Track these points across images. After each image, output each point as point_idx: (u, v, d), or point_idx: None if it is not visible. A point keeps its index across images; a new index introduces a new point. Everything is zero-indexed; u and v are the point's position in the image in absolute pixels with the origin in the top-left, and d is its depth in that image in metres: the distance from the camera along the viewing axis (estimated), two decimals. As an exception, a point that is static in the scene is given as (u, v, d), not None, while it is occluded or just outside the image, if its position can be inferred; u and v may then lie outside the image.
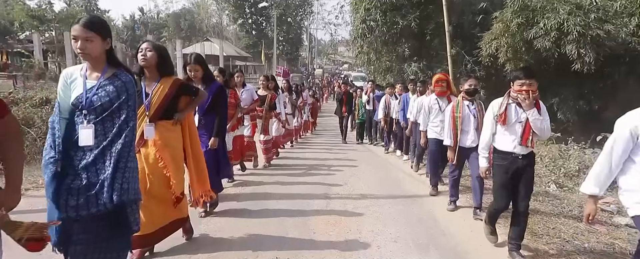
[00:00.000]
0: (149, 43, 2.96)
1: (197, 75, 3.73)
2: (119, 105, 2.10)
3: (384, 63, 13.45)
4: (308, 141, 10.43)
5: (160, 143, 2.91)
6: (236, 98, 5.17)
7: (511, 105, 3.11)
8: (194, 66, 3.72)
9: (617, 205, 4.69)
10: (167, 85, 2.96)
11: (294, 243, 3.37)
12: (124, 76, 2.16)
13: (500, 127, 3.16)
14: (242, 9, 40.30)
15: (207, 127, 3.79)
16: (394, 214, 4.27)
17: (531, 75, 3.01)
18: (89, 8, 43.75)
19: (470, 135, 4.15)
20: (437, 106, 5.06)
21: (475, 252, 3.35)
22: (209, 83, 3.76)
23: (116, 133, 2.08)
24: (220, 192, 4.25)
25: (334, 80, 31.90)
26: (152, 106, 2.91)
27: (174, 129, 3.04)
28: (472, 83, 4.16)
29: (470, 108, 4.16)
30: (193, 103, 3.19)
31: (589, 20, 7.60)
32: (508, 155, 3.10)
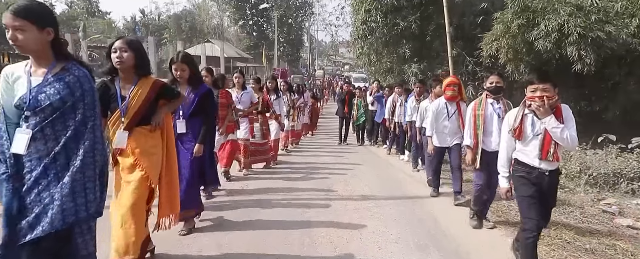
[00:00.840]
0: (124, 41, 2.62)
1: (184, 75, 3.43)
2: (73, 104, 1.81)
3: (385, 64, 13.46)
4: (308, 143, 10.42)
5: (139, 152, 2.66)
6: (228, 98, 4.88)
7: (528, 116, 2.73)
8: (180, 65, 3.41)
9: (619, 206, 4.69)
10: (146, 88, 2.67)
11: (295, 244, 3.36)
12: (76, 70, 1.89)
13: (517, 140, 2.82)
14: (242, 11, 40.39)
15: (192, 132, 3.46)
16: (395, 215, 4.26)
17: (545, 78, 2.64)
18: (90, 10, 43.89)
19: (495, 137, 3.71)
20: (445, 111, 4.74)
21: (476, 253, 3.35)
22: (196, 85, 3.48)
23: (71, 136, 1.80)
24: (208, 199, 4.17)
25: (334, 82, 31.75)
26: (129, 111, 2.63)
27: (153, 136, 2.76)
28: (495, 81, 3.78)
29: (495, 106, 3.79)
30: (169, 105, 2.90)
31: (590, 22, 7.59)
32: (533, 170, 2.75)
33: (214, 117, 3.77)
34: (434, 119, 4.79)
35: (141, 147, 2.68)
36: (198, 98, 3.43)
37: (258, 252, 3.19)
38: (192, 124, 3.47)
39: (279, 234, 3.56)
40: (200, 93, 3.47)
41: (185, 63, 3.43)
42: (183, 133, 3.41)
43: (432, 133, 4.85)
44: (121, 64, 2.57)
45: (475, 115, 3.84)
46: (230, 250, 3.21)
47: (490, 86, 3.79)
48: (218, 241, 3.37)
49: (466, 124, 3.97)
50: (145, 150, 2.69)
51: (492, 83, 3.78)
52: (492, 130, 3.77)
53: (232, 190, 5.06)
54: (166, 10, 49.85)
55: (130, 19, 49.11)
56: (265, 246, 3.30)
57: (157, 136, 2.80)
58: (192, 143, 3.43)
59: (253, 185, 5.36)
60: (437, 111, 4.78)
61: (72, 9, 40.44)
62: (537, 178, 2.74)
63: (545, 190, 2.76)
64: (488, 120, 3.78)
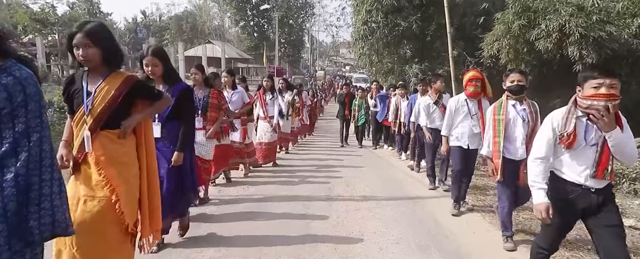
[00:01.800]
0: (85, 35, 2.16)
1: (157, 71, 3.00)
2: (12, 112, 1.46)
3: (386, 64, 13.45)
4: (308, 144, 10.43)
5: (105, 160, 2.22)
6: (219, 99, 4.43)
7: (581, 120, 2.21)
8: (152, 59, 2.97)
9: (621, 206, 4.68)
10: (115, 83, 2.28)
11: (296, 245, 3.36)
12: (17, 70, 1.50)
13: (562, 148, 2.28)
14: (243, 11, 40.44)
15: (170, 138, 3.04)
16: (396, 215, 4.26)
17: (611, 73, 2.12)
18: (91, 11, 43.99)
19: (519, 144, 3.31)
20: (465, 108, 4.21)
21: (478, 254, 3.34)
22: (172, 83, 3.04)
23: (9, 151, 1.44)
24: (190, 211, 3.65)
25: (335, 82, 31.71)
26: (94, 109, 2.24)
27: (123, 142, 2.34)
28: (516, 79, 3.30)
29: (518, 109, 3.34)
30: (150, 110, 2.51)
31: (591, 22, 7.58)
32: (576, 188, 2.23)
33: (193, 120, 3.27)
34: (451, 117, 4.29)
35: (108, 155, 2.25)
36: (175, 99, 2.94)
37: (259, 253, 3.19)
38: (169, 128, 3.04)
39: (279, 235, 3.56)
40: (178, 91, 3.00)
41: (158, 57, 2.99)
42: (158, 138, 2.96)
43: (447, 132, 4.38)
44: (87, 62, 2.23)
45: (495, 119, 3.38)
46: (230, 252, 3.21)
47: (511, 85, 3.33)
48: (218, 243, 3.37)
49: (485, 130, 3.54)
50: (113, 158, 2.27)
51: (514, 81, 3.32)
52: (516, 136, 3.32)
53: (233, 191, 5.07)
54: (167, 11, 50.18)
55: (131, 20, 49.34)
56: (266, 247, 3.30)
57: (129, 143, 2.38)
58: (170, 150, 3.00)
59: (253, 186, 5.36)
60: (455, 107, 4.26)
61: (74, 10, 40.52)
62: (581, 197, 2.21)
63: (595, 209, 2.20)
64: (511, 125, 3.33)
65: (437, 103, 5.39)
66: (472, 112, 4.20)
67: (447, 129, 4.37)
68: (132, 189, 2.35)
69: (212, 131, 4.29)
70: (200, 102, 4.19)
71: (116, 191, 2.21)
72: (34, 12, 30.06)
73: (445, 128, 4.39)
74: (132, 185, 2.36)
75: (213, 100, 4.32)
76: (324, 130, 13.46)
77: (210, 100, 4.29)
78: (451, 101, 4.38)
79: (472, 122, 4.19)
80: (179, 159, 2.99)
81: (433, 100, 5.43)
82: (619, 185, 5.54)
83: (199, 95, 4.21)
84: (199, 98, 4.19)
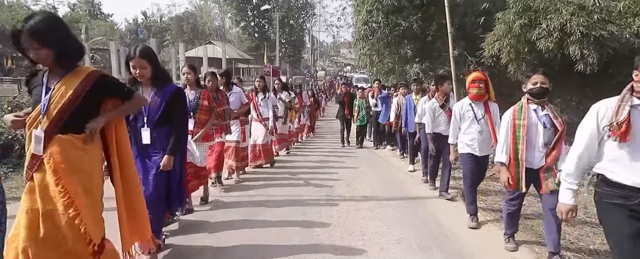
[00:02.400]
0: (31, 35, 1.91)
1: (145, 73, 2.77)
2: None
3: (387, 64, 13.45)
4: (309, 145, 10.42)
5: (65, 168, 1.96)
6: (210, 101, 4.23)
7: (638, 109, 1.95)
8: (139, 61, 2.73)
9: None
10: (76, 80, 2.02)
11: (298, 245, 3.36)
12: None
13: (615, 144, 1.95)
14: (244, 12, 40.46)
15: (160, 143, 2.84)
16: (397, 216, 4.25)
17: None
18: (92, 12, 44.10)
19: (539, 152, 3.05)
20: (471, 113, 3.97)
21: (479, 254, 3.33)
22: (161, 85, 2.83)
23: None
24: None
25: (335, 83, 31.58)
26: (50, 110, 1.98)
27: (87, 147, 2.08)
28: (540, 81, 2.99)
29: (539, 114, 3.05)
30: (122, 109, 2.28)
31: (592, 21, 7.57)
32: (634, 192, 1.90)
33: (185, 123, 3.07)
34: (457, 123, 4.07)
35: (69, 162, 1.98)
36: (165, 101, 2.77)
37: (259, 254, 3.19)
38: (160, 134, 2.82)
39: (280, 236, 3.56)
40: (168, 94, 2.80)
41: (146, 58, 2.74)
42: (148, 145, 2.82)
43: (454, 140, 4.13)
44: (41, 62, 2.03)
45: (515, 125, 3.08)
46: (232, 252, 3.21)
47: (533, 88, 3.02)
48: (219, 244, 3.36)
49: (500, 136, 3.21)
50: (74, 166, 1.99)
51: (536, 84, 3.00)
52: (536, 144, 3.04)
53: (233, 192, 5.07)
54: (168, 12, 50.18)
55: (132, 21, 49.42)
56: (267, 247, 3.30)
57: (94, 149, 2.12)
58: (160, 156, 2.80)
59: (254, 187, 5.35)
60: (460, 113, 4.03)
61: (75, 11, 40.64)
62: None
63: None
64: (532, 133, 3.04)
65: (444, 107, 5.09)
66: (478, 116, 3.94)
67: (454, 136, 4.14)
68: (97, 202, 2.11)
69: (201, 135, 4.06)
70: (191, 104, 4.03)
71: (75, 204, 1.95)
72: (35, 13, 30.09)
73: (452, 136, 4.17)
74: (96, 197, 2.11)
75: (204, 102, 4.13)
76: (325, 130, 13.46)
77: (201, 101, 4.11)
78: (455, 107, 4.15)
79: (479, 127, 3.91)
80: (168, 163, 2.78)
81: (439, 103, 5.14)
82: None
83: (190, 96, 4.07)
84: (190, 100, 4.03)
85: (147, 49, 2.84)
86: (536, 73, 3.09)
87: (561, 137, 2.99)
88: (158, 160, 2.82)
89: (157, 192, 2.81)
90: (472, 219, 3.98)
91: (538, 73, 3.08)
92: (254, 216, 4.11)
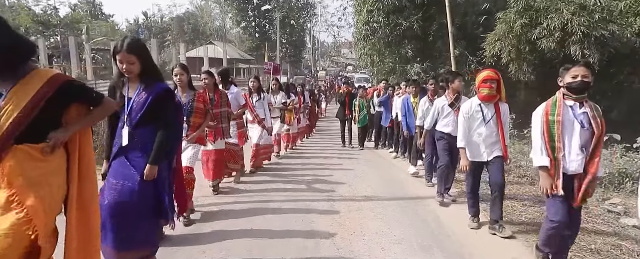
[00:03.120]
0: None
1: (133, 69, 2.48)
2: None
3: (387, 64, 13.47)
4: (309, 145, 10.42)
5: (22, 183, 1.75)
6: (206, 103, 3.99)
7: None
8: (126, 56, 2.44)
9: (624, 206, 4.65)
10: (34, 85, 1.79)
11: (299, 245, 3.36)
12: None
13: None
14: (245, 12, 40.51)
15: (142, 146, 2.52)
16: (398, 215, 4.25)
17: None
18: (93, 12, 44.18)
19: (576, 154, 2.71)
20: (480, 114, 3.68)
21: (480, 254, 3.33)
22: (150, 83, 2.53)
23: None
24: None
25: (335, 83, 30.99)
26: (3, 117, 1.75)
27: (49, 160, 1.85)
28: (580, 74, 2.65)
29: (576, 112, 2.71)
30: (89, 118, 2.05)
31: (593, 20, 7.57)
32: None
33: (174, 126, 2.75)
34: (466, 125, 3.73)
35: (25, 176, 1.76)
36: (151, 101, 2.48)
37: (260, 254, 3.18)
38: (141, 135, 2.52)
39: (281, 236, 3.56)
40: (155, 93, 2.50)
41: (134, 53, 2.45)
42: (128, 146, 2.51)
43: (464, 143, 3.77)
44: None
45: (547, 121, 2.73)
46: (233, 252, 3.21)
47: (573, 82, 2.67)
48: (220, 245, 3.36)
49: (534, 136, 2.86)
50: (31, 180, 1.77)
51: (577, 77, 2.66)
52: (572, 144, 2.71)
53: (234, 192, 5.07)
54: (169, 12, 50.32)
55: (133, 21, 49.51)
56: (268, 249, 3.30)
57: (54, 162, 1.88)
58: (141, 160, 2.49)
59: (255, 187, 5.35)
60: (469, 115, 3.71)
61: (76, 12, 40.73)
62: None
63: None
64: (567, 132, 2.71)
65: (453, 106, 4.68)
66: (487, 118, 3.65)
67: (463, 139, 3.74)
68: (52, 221, 1.89)
69: (194, 136, 3.88)
70: (185, 108, 3.73)
71: (34, 223, 1.72)
72: (36, 14, 30.24)
73: (462, 139, 3.75)
74: (54, 213, 1.89)
75: (198, 104, 3.89)
76: (325, 131, 13.45)
77: (196, 104, 3.88)
78: (463, 107, 3.83)
79: (487, 130, 3.65)
80: (151, 173, 2.47)
81: (449, 101, 4.74)
82: (623, 184, 5.52)
83: (183, 99, 3.78)
84: (184, 103, 3.74)
85: (135, 42, 2.51)
86: (577, 65, 2.72)
87: (600, 141, 2.69)
88: (140, 163, 2.49)
89: (144, 202, 2.47)
90: (473, 220, 3.92)
91: (579, 66, 2.70)
92: (255, 215, 4.11)
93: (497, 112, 3.66)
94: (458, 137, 3.81)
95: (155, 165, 2.50)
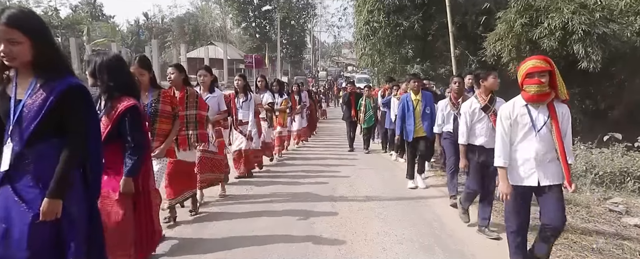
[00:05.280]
0: None
1: (16, 54, 1.69)
2: None
3: (388, 64, 13.47)
4: (310, 146, 10.41)
5: None
6: (173, 103, 3.32)
7: None
8: (7, 32, 1.65)
9: (626, 205, 4.65)
10: None
11: (300, 245, 3.36)
12: None
13: None
14: (245, 13, 40.50)
15: (38, 172, 1.75)
16: (400, 215, 4.25)
17: None
18: (94, 14, 44.25)
19: None
20: (527, 121, 2.62)
21: (482, 254, 3.32)
22: (49, 77, 1.74)
23: None
24: None
25: (336, 85, 29.39)
26: None
27: None
28: None
29: None
30: None
31: (594, 19, 7.57)
32: None
33: (87, 135, 1.85)
34: (506, 135, 2.70)
35: None
36: (51, 102, 1.71)
37: (262, 254, 3.19)
38: (38, 152, 1.74)
39: (282, 237, 3.56)
40: (58, 91, 1.72)
41: (21, 29, 1.66)
42: (15, 174, 1.73)
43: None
44: None
45: None
46: (234, 253, 3.21)
47: None
48: (222, 244, 3.37)
49: None
50: None
51: None
52: None
53: (236, 192, 5.07)
54: (169, 13, 50.28)
55: (134, 22, 49.52)
56: (269, 249, 3.30)
57: None
58: (35, 194, 1.71)
59: (257, 187, 5.35)
60: (511, 120, 2.68)
61: (76, 13, 40.80)
62: None
63: None
64: None
65: (487, 109, 3.60)
66: (538, 125, 2.60)
67: (503, 155, 2.70)
68: None
69: (163, 150, 3.21)
70: (147, 110, 3.10)
71: None
72: (37, 15, 30.26)
73: (501, 154, 2.71)
74: None
75: (164, 107, 3.18)
76: (326, 131, 13.44)
77: (161, 106, 3.17)
78: (503, 110, 2.76)
79: (540, 143, 2.60)
80: (49, 211, 1.68)
81: (481, 104, 3.62)
82: (624, 184, 5.52)
83: (145, 99, 3.12)
84: (145, 104, 3.08)
85: (21, 14, 1.69)
86: None
87: None
88: (33, 199, 1.70)
89: (37, 255, 1.68)
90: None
91: None
92: (257, 216, 4.11)
93: (552, 117, 2.58)
94: (496, 150, 2.74)
95: (57, 199, 1.70)
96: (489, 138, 3.53)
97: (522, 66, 2.67)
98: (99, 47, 29.90)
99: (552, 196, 2.60)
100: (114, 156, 2.43)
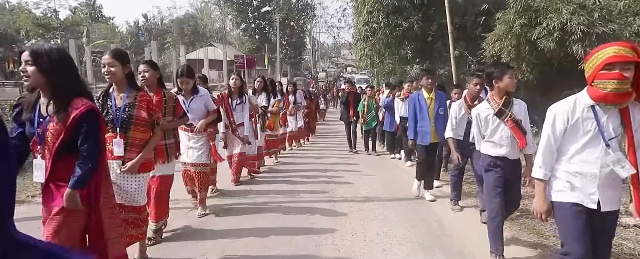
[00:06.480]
0: None
1: None
2: None
3: (387, 65, 13.47)
4: (310, 146, 10.41)
5: None
6: (150, 107, 2.75)
7: None
8: None
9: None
10: None
11: (300, 246, 3.36)
12: None
13: None
14: (245, 14, 40.58)
15: None
16: (400, 216, 4.25)
17: None
18: (93, 15, 44.29)
19: None
20: (593, 126, 2.00)
21: (482, 254, 3.32)
22: None
23: None
24: None
25: (335, 86, 28.71)
26: None
27: None
28: None
29: None
30: None
31: (593, 19, 7.58)
32: None
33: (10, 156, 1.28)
34: (555, 140, 2.11)
35: None
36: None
37: (261, 255, 3.19)
38: None
39: (282, 238, 3.56)
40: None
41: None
42: None
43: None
44: None
45: None
46: (234, 254, 3.22)
47: None
48: (221, 246, 3.37)
49: None
50: None
51: None
52: None
53: (235, 193, 5.07)
54: (169, 14, 50.34)
55: (133, 23, 49.56)
56: (269, 250, 3.30)
57: None
58: None
59: (256, 189, 5.36)
60: (568, 125, 2.06)
61: (76, 14, 40.89)
62: None
63: None
64: None
65: (502, 114, 3.05)
66: (606, 131, 1.98)
67: (545, 166, 2.15)
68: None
69: (136, 164, 2.67)
70: (119, 115, 2.66)
71: None
72: (37, 16, 30.35)
73: (543, 164, 2.16)
74: None
75: (140, 112, 2.68)
76: (325, 132, 13.45)
77: (136, 111, 2.68)
78: (558, 108, 2.14)
79: (607, 158, 1.99)
80: None
81: (495, 108, 3.07)
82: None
83: (119, 102, 2.69)
84: (118, 107, 2.68)
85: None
86: None
87: None
88: None
89: None
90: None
91: None
92: (256, 217, 4.12)
93: (626, 124, 1.96)
94: (538, 160, 2.18)
95: None
96: (510, 148, 3.05)
97: (597, 54, 1.93)
98: (98, 49, 29.95)
99: (607, 228, 2.12)
100: (70, 170, 2.02)
